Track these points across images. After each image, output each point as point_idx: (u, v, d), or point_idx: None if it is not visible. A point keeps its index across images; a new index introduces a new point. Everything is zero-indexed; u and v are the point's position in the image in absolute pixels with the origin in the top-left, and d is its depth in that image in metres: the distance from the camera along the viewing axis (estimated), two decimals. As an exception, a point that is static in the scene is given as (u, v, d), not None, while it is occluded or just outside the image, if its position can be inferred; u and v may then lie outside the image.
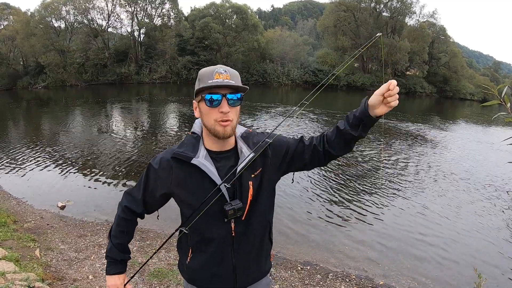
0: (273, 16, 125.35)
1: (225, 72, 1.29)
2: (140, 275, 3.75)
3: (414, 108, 28.32)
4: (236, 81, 1.32)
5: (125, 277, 1.58)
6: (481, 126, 20.33)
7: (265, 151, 1.41)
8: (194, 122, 1.54)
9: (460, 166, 9.89)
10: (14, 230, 4.75)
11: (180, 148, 1.38)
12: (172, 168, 1.38)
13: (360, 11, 41.94)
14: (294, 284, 3.86)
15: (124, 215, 1.57)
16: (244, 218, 1.38)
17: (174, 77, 37.89)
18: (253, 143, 1.40)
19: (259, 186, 1.40)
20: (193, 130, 1.48)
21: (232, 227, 1.37)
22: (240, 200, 1.35)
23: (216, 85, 1.26)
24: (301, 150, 1.43)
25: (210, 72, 1.30)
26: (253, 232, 1.43)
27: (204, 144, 1.41)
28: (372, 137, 12.87)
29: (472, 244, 5.42)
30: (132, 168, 8.30)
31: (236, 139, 1.43)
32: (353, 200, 6.80)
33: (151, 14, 39.19)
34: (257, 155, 1.36)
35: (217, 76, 1.28)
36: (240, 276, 1.46)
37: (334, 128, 1.38)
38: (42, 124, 15.41)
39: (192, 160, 1.34)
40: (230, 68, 1.34)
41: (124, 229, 1.59)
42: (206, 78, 1.29)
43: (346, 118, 1.35)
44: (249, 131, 1.48)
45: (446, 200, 7.16)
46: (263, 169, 1.41)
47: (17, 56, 36.26)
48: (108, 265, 1.56)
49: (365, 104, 1.27)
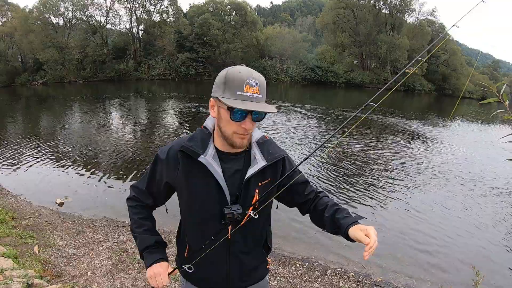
0: (272, 12, 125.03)
1: (256, 85, 1.20)
2: (139, 271, 3.76)
3: (413, 106, 28.35)
4: (264, 94, 1.25)
5: (168, 266, 1.47)
6: (479, 123, 20.37)
7: (277, 163, 1.40)
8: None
9: (458, 163, 9.91)
10: (13, 227, 4.75)
11: (190, 141, 1.33)
12: (179, 161, 1.35)
13: (360, 8, 41.83)
14: (293, 281, 3.87)
15: (135, 203, 1.52)
16: (243, 223, 1.35)
17: (173, 74, 37.80)
18: (268, 152, 1.38)
19: (264, 196, 1.37)
20: (205, 125, 1.41)
21: (229, 230, 1.36)
22: (242, 206, 1.33)
23: (243, 109, 1.18)
24: (299, 191, 1.49)
25: (240, 81, 1.19)
26: (250, 239, 1.43)
27: (214, 143, 1.36)
28: (372, 136, 12.89)
29: (470, 241, 5.44)
30: (130, 164, 8.29)
31: (251, 144, 1.39)
32: (351, 197, 6.81)
33: (150, 11, 39.07)
34: (268, 163, 1.35)
35: (247, 89, 1.18)
36: (233, 280, 1.46)
37: (323, 209, 1.45)
38: (40, 120, 15.37)
39: (200, 157, 1.30)
40: (259, 77, 1.24)
41: (142, 215, 1.52)
42: (235, 87, 1.19)
43: (331, 220, 1.41)
44: (266, 137, 1.43)
45: (444, 198, 7.17)
46: (271, 180, 1.40)
47: (15, 52, 36.05)
48: (146, 258, 1.46)
49: (344, 231, 1.36)
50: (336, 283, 3.92)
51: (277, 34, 42.72)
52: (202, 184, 1.33)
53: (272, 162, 1.37)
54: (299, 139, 11.54)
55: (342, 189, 7.24)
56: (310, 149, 10.27)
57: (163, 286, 1.42)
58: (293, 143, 10.91)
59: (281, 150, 1.44)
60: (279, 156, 1.40)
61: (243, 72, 1.21)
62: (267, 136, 1.45)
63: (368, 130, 13.93)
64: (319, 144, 2.80)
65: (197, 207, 1.37)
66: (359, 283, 3.97)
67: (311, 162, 8.82)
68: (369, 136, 12.67)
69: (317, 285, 3.84)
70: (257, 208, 1.35)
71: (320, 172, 8.23)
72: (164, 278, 1.41)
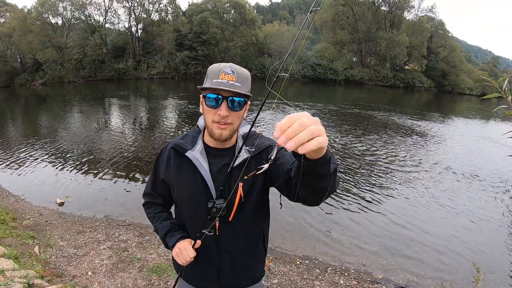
0: (271, 10, 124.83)
1: (232, 73, 1.23)
2: (139, 270, 3.76)
3: (412, 103, 28.31)
4: (244, 83, 1.26)
5: (191, 240, 1.41)
6: (480, 120, 20.34)
7: (262, 153, 1.35)
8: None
9: (458, 160, 9.90)
10: (13, 227, 4.75)
11: (182, 139, 1.40)
12: (169, 158, 1.40)
13: (359, 5, 41.81)
14: (293, 279, 3.87)
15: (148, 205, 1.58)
16: (231, 219, 1.33)
17: (172, 73, 37.77)
18: (253, 144, 1.34)
19: (249, 189, 1.35)
20: (198, 123, 1.46)
21: (216, 225, 1.34)
22: (228, 201, 1.31)
23: (216, 87, 1.21)
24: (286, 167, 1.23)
25: (217, 70, 1.25)
26: (240, 236, 1.41)
27: (204, 138, 1.40)
28: (371, 134, 12.88)
29: (471, 238, 5.43)
30: (130, 164, 8.28)
31: (237, 138, 1.40)
32: (352, 195, 6.81)
33: (149, 9, 39.00)
34: (250, 155, 1.29)
35: (223, 76, 1.23)
36: (225, 278, 1.45)
37: None
38: (40, 120, 15.34)
39: (187, 152, 1.34)
40: (240, 68, 1.28)
41: (156, 210, 1.55)
42: (212, 76, 1.25)
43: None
44: (256, 132, 1.40)
45: (445, 194, 7.17)
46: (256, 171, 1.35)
47: (14, 53, 36.01)
48: (168, 243, 1.44)
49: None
50: (337, 280, 3.92)
51: (276, 32, 42.72)
52: (190, 179, 1.35)
53: (256, 153, 1.33)
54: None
55: (342, 187, 7.23)
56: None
57: (191, 259, 1.37)
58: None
59: (268, 140, 1.39)
60: (264, 145, 1.35)
61: (223, 64, 1.27)
62: (259, 131, 1.41)
63: (367, 126, 13.93)
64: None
65: (186, 202, 1.39)
66: (360, 280, 3.97)
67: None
68: (368, 132, 12.66)
69: (318, 282, 3.84)
70: (243, 203, 1.33)
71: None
72: (189, 251, 1.36)
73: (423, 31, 40.72)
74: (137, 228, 5.06)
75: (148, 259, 4.04)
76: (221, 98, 1.23)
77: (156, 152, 9.13)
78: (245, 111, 1.34)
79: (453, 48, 43.05)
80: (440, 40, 43.43)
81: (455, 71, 42.55)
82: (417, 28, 41.12)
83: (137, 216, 5.49)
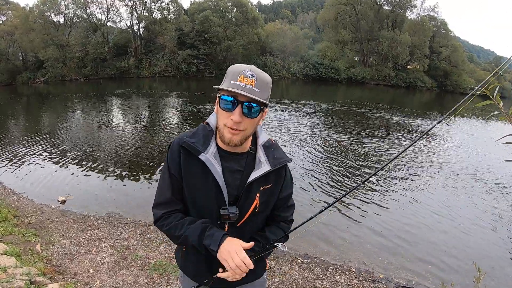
0: (273, 9, 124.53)
1: (251, 77, 1.17)
2: (141, 268, 3.77)
3: (414, 102, 28.26)
4: (263, 89, 1.20)
5: (240, 240, 1.29)
6: (481, 121, 20.30)
7: (281, 169, 1.37)
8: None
9: (459, 161, 9.89)
10: (15, 225, 4.77)
11: (192, 137, 1.30)
12: (180, 156, 1.31)
13: (361, 4, 41.69)
14: (294, 277, 3.88)
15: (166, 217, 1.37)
16: (240, 224, 1.34)
17: (174, 71, 37.72)
18: (273, 156, 1.34)
19: (264, 200, 1.36)
20: (208, 121, 1.37)
21: (225, 229, 1.35)
22: (241, 209, 1.31)
23: (233, 90, 1.15)
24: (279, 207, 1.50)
25: (236, 72, 1.18)
26: (246, 236, 1.40)
27: (216, 140, 1.33)
28: (372, 133, 12.86)
29: (472, 238, 5.43)
30: (132, 162, 8.30)
31: (257, 146, 1.37)
32: (352, 194, 6.80)
33: (151, 8, 38.90)
34: (273, 168, 1.32)
35: (241, 79, 1.16)
36: None
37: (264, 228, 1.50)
38: (42, 119, 15.38)
39: (200, 155, 1.27)
40: (261, 73, 1.21)
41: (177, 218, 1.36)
42: (230, 77, 1.19)
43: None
44: (272, 141, 1.39)
45: (445, 195, 7.17)
46: (273, 185, 1.37)
47: (16, 51, 36.01)
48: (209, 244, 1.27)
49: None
50: (338, 279, 3.93)
51: (278, 31, 42.60)
52: (201, 182, 1.31)
53: (276, 168, 1.34)
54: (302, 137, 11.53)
55: (343, 186, 7.24)
56: (311, 146, 10.26)
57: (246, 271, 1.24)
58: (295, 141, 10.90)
59: (286, 156, 1.41)
60: (284, 161, 1.36)
61: (244, 66, 1.20)
62: (273, 140, 1.41)
63: (369, 126, 13.90)
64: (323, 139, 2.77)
65: (196, 204, 1.36)
66: (361, 279, 3.97)
67: (310, 157, 8.82)
68: (369, 132, 12.64)
69: (319, 281, 3.85)
70: (257, 213, 1.35)
71: (320, 167, 8.23)
72: (247, 261, 1.23)
73: (425, 30, 40.54)
74: (139, 226, 5.08)
75: (150, 257, 4.05)
76: (236, 102, 1.17)
77: (158, 150, 9.15)
78: (261, 119, 1.28)
79: (455, 47, 42.89)
80: (442, 40, 43.26)
81: (457, 71, 42.40)
82: (419, 28, 40.95)
83: (139, 214, 5.51)
